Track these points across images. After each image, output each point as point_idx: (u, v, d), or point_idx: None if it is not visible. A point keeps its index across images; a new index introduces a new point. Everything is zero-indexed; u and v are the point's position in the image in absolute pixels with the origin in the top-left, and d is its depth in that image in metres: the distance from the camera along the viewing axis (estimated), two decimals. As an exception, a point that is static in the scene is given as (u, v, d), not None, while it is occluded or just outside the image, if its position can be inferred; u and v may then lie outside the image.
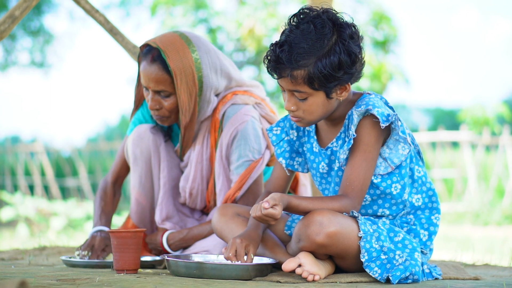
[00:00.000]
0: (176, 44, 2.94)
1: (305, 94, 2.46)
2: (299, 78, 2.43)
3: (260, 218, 2.40)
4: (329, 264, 2.52)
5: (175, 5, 11.87)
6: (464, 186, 11.03)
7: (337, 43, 2.43)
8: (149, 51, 2.95)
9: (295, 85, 2.45)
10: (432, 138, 11.27)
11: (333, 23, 2.45)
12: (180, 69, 2.92)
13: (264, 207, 2.37)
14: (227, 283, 2.32)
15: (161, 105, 2.96)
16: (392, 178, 2.57)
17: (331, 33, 2.43)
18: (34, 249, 3.82)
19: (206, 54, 2.98)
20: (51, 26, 19.14)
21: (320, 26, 2.43)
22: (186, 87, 2.93)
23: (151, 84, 2.94)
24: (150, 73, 2.92)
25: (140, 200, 3.13)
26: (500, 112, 12.62)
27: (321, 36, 2.42)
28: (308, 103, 2.48)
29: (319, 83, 2.43)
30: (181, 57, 2.93)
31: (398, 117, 2.49)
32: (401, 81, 11.86)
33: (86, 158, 11.65)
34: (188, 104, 2.94)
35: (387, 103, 2.60)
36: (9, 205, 9.92)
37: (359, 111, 2.48)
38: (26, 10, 3.29)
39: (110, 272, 2.64)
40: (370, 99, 2.53)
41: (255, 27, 11.16)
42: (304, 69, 2.42)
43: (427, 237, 2.63)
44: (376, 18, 11.82)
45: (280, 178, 2.75)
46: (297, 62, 2.41)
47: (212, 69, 2.99)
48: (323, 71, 2.41)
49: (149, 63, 2.93)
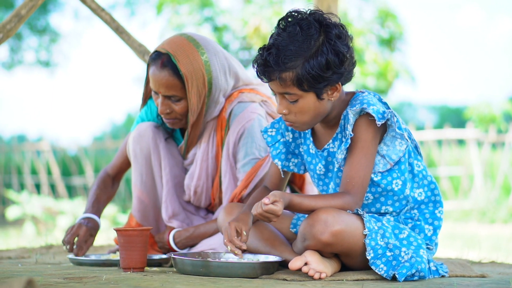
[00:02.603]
0: (185, 48, 2.93)
1: (295, 96, 2.46)
2: (288, 80, 2.43)
3: (261, 215, 2.40)
4: (335, 262, 2.52)
5: (180, 4, 11.87)
6: (470, 184, 11.01)
7: (324, 44, 2.43)
8: (158, 56, 2.93)
9: (285, 87, 2.45)
10: (438, 135, 11.25)
11: (320, 24, 2.45)
12: (191, 73, 2.91)
13: (265, 202, 2.37)
14: (233, 281, 2.32)
15: (171, 109, 2.96)
16: (392, 174, 2.57)
17: (317, 34, 2.43)
18: (41, 248, 3.83)
19: (215, 56, 2.97)
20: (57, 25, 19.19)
21: (306, 27, 2.43)
22: (197, 90, 2.92)
23: (161, 89, 2.92)
24: (161, 79, 2.91)
25: (142, 198, 3.14)
26: (506, 110, 12.59)
27: (307, 37, 2.42)
28: (299, 105, 2.48)
29: (308, 84, 2.43)
30: (191, 60, 2.92)
31: (394, 113, 2.50)
32: (407, 79, 11.84)
33: (92, 157, 11.67)
34: (197, 105, 2.94)
35: (381, 100, 2.61)
36: (15, 204, 9.94)
37: (354, 110, 2.48)
38: (32, 9, 3.30)
39: (117, 270, 2.65)
40: (364, 97, 2.53)
41: (261, 26, 11.15)
42: (292, 71, 2.42)
43: (432, 232, 2.64)
44: (382, 16, 11.81)
45: (275, 176, 2.75)
46: (285, 64, 2.41)
47: (221, 70, 2.99)
48: (311, 72, 2.41)
49: (159, 68, 2.91)
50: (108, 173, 3.25)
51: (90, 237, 3.02)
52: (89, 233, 3.01)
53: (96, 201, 3.14)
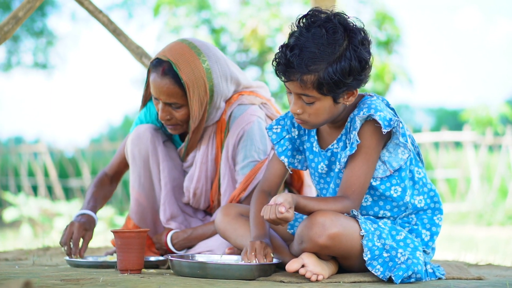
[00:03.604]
0: (186, 56, 2.92)
1: (312, 99, 2.45)
2: (309, 83, 2.42)
3: (273, 221, 2.38)
4: (332, 264, 2.52)
5: (178, 6, 11.87)
6: (467, 186, 11.02)
7: (348, 49, 2.41)
8: (159, 63, 2.92)
9: (304, 89, 2.43)
10: (435, 138, 11.26)
11: (344, 28, 2.43)
12: (192, 81, 2.90)
13: (281, 211, 2.35)
14: (230, 283, 2.32)
15: (172, 115, 2.95)
16: (391, 181, 2.57)
17: (342, 39, 2.41)
18: (38, 250, 3.83)
19: (216, 63, 2.96)
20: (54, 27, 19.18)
21: (331, 31, 2.41)
22: (198, 97, 2.92)
23: (162, 97, 2.91)
24: (162, 86, 2.90)
25: (140, 201, 3.14)
26: (503, 112, 12.62)
27: (332, 42, 2.40)
28: (315, 107, 2.47)
29: (328, 88, 2.42)
30: (193, 68, 2.91)
31: (400, 121, 2.49)
32: (405, 81, 11.85)
33: (89, 159, 11.66)
34: (198, 112, 2.94)
35: (389, 105, 2.60)
36: (12, 205, 9.93)
37: (361, 116, 2.47)
38: (30, 11, 3.30)
39: (114, 272, 2.65)
40: (372, 102, 2.52)
41: (258, 28, 11.16)
42: (314, 74, 2.40)
43: (429, 237, 2.63)
44: (379, 18, 11.82)
45: (276, 175, 2.73)
46: (308, 67, 2.39)
47: (223, 77, 2.98)
48: (333, 77, 2.39)
49: (160, 76, 2.90)
50: (106, 173, 3.25)
51: (86, 232, 2.98)
52: (82, 228, 2.97)
53: (91, 199, 3.12)
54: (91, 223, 3.02)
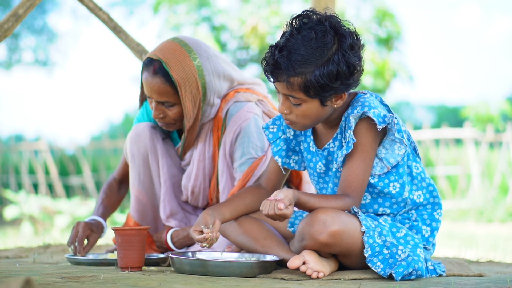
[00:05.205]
0: (177, 54, 2.93)
1: (299, 100, 2.46)
2: (295, 84, 2.42)
3: (271, 216, 2.39)
4: (333, 261, 2.53)
5: (178, 3, 11.87)
6: (468, 183, 11.02)
7: (337, 53, 2.41)
8: (151, 62, 2.93)
9: (291, 90, 2.44)
10: (436, 135, 11.26)
11: (335, 32, 2.42)
12: (183, 79, 2.91)
13: (280, 208, 2.35)
14: (231, 280, 2.32)
15: (165, 113, 2.96)
16: (389, 177, 2.57)
17: (331, 43, 2.41)
18: (39, 247, 3.83)
19: (208, 60, 2.97)
20: (55, 25, 19.18)
21: (321, 34, 2.40)
22: (191, 95, 2.92)
23: (154, 96, 2.92)
24: (153, 85, 2.91)
25: (140, 198, 3.14)
26: (504, 109, 12.61)
27: (321, 45, 2.40)
28: (301, 108, 2.47)
29: (315, 91, 2.42)
30: (183, 66, 2.91)
31: (395, 116, 2.49)
32: (405, 78, 11.86)
33: (90, 157, 11.65)
34: (192, 110, 2.94)
35: (382, 102, 2.60)
36: (13, 203, 9.93)
37: (355, 115, 2.47)
38: (30, 9, 3.29)
39: (115, 269, 2.65)
40: (366, 99, 2.52)
41: (258, 25, 11.16)
42: (301, 77, 2.41)
43: (430, 233, 2.64)
44: (380, 15, 11.82)
45: (274, 173, 2.75)
46: (295, 70, 2.40)
47: (215, 74, 2.98)
48: (320, 80, 2.39)
49: (151, 75, 2.91)
50: (114, 177, 3.27)
51: (92, 233, 3.01)
52: (88, 228, 3.00)
53: (101, 205, 3.17)
54: (98, 227, 3.06)
